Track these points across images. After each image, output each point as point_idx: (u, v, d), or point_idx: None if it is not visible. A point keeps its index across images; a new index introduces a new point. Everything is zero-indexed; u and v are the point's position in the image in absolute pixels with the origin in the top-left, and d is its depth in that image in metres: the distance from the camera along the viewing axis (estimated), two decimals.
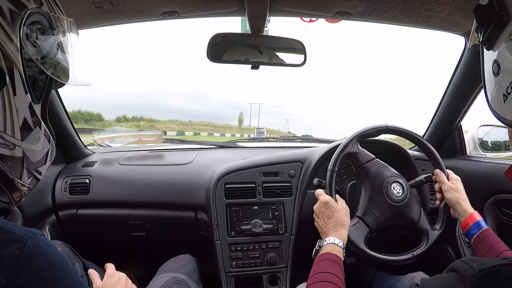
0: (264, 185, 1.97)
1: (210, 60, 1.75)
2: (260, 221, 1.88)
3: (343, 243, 1.34)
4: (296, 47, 1.80)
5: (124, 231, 2.17)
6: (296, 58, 1.81)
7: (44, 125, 0.88)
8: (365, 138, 1.68)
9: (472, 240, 1.46)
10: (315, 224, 1.50)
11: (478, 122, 2.24)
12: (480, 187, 1.89)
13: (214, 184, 1.94)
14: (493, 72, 0.82)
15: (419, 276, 1.70)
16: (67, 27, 0.91)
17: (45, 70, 0.84)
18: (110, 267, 1.47)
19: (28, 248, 0.67)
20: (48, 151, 0.90)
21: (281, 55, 1.81)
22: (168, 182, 2.12)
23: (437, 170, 1.67)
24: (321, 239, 1.38)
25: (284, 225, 1.92)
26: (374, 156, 1.67)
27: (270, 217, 1.93)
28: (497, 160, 2.03)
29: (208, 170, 2.09)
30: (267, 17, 1.68)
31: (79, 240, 2.12)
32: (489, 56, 0.85)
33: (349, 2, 1.58)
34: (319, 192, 1.55)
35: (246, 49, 1.78)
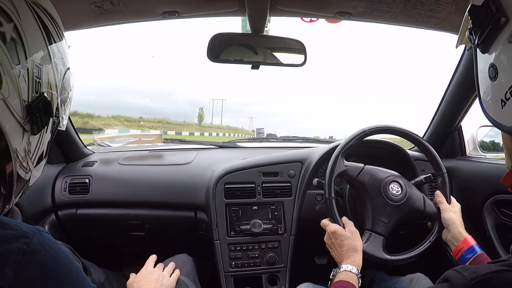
0: (263, 185, 1.97)
1: (210, 59, 1.74)
2: (260, 221, 1.88)
3: (358, 269, 1.35)
4: (296, 47, 1.79)
5: (123, 231, 2.17)
6: (296, 58, 1.81)
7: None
8: (348, 151, 1.66)
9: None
10: (331, 254, 1.50)
11: (478, 122, 2.24)
12: (480, 187, 1.89)
13: (213, 184, 1.94)
14: (489, 76, 0.79)
15: (417, 277, 1.69)
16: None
17: (61, 116, 0.97)
18: (149, 263, 1.62)
19: (34, 243, 0.69)
20: (37, 177, 0.98)
21: (281, 55, 1.81)
22: (167, 182, 2.12)
23: (438, 192, 1.66)
24: (337, 267, 1.39)
25: (283, 225, 1.93)
26: (363, 165, 1.66)
27: (270, 217, 1.93)
28: (496, 161, 2.03)
29: (208, 170, 2.09)
30: (268, 17, 1.68)
31: (79, 239, 2.12)
32: (484, 59, 0.82)
33: (350, 2, 1.58)
34: (325, 222, 1.56)
35: (246, 49, 1.78)
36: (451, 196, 1.67)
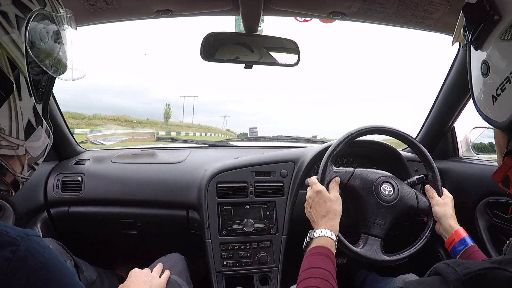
0: (256, 184, 1.96)
1: (203, 59, 1.74)
2: (252, 221, 1.88)
3: (335, 235, 1.33)
4: (289, 46, 1.80)
5: (115, 229, 2.17)
6: (290, 57, 1.81)
7: (45, 122, 0.89)
8: (336, 156, 1.66)
9: (458, 257, 1.45)
10: (306, 213, 1.49)
11: (471, 124, 2.24)
12: (473, 189, 1.89)
13: (206, 183, 1.94)
14: (481, 72, 0.80)
15: (410, 278, 1.69)
16: (67, 23, 0.90)
17: (48, 71, 0.83)
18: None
19: (21, 250, 0.66)
20: (47, 145, 0.92)
21: (274, 54, 1.81)
22: (160, 180, 2.12)
23: (427, 186, 1.67)
24: (312, 230, 1.37)
25: (275, 224, 1.92)
26: (352, 169, 1.66)
27: (262, 216, 1.93)
28: (489, 162, 2.03)
29: (200, 169, 2.09)
30: (261, 16, 1.68)
31: (71, 237, 2.12)
32: (477, 56, 0.83)
33: (344, 3, 1.58)
34: (313, 180, 1.54)
35: (240, 49, 1.78)
36: (443, 188, 1.68)
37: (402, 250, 1.60)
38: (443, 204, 1.60)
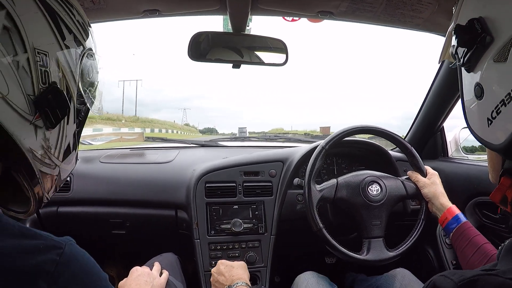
0: (244, 184, 1.96)
1: (191, 58, 1.74)
2: (240, 221, 1.87)
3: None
4: (277, 46, 1.80)
5: (104, 229, 2.16)
6: (278, 57, 1.81)
7: (78, 148, 0.95)
8: (316, 173, 1.68)
9: (452, 234, 1.47)
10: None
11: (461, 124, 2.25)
12: (462, 189, 1.89)
13: (194, 183, 1.93)
14: (475, 95, 0.78)
15: (402, 272, 1.70)
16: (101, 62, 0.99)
17: (87, 102, 0.91)
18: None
19: (66, 254, 0.70)
20: (72, 169, 0.96)
21: (262, 54, 1.81)
22: (148, 180, 2.11)
23: (409, 172, 1.72)
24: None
25: (264, 224, 1.92)
26: (335, 181, 1.69)
27: (250, 216, 1.93)
28: (478, 162, 2.03)
29: (189, 169, 2.09)
30: (249, 16, 1.67)
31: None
32: (469, 78, 0.81)
33: (331, 2, 1.57)
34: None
35: (227, 48, 1.78)
36: (426, 166, 1.72)
37: (404, 241, 1.65)
38: (431, 184, 1.63)
